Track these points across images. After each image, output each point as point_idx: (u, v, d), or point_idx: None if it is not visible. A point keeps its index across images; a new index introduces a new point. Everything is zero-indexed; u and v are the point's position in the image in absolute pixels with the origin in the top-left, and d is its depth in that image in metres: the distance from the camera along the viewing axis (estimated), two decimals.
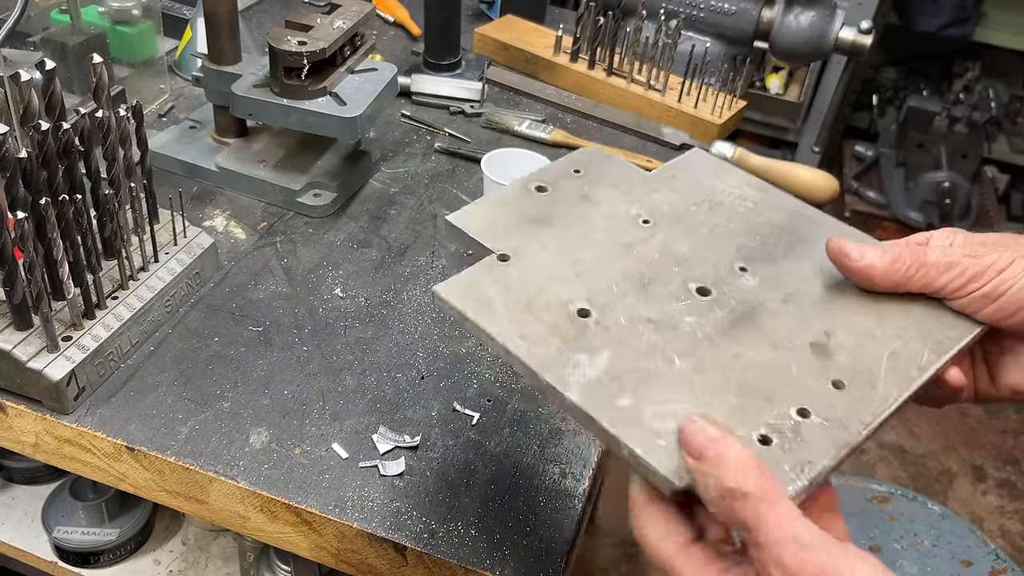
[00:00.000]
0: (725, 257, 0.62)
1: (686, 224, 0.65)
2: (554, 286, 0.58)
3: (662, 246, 0.62)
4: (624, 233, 0.63)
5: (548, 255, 0.61)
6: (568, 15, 1.64)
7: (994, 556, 1.37)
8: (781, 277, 0.61)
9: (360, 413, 0.80)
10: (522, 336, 0.55)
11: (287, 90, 0.98)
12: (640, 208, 0.65)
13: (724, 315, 0.58)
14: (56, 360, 0.75)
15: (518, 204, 0.65)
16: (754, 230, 0.65)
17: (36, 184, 0.71)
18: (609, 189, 0.67)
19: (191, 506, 0.77)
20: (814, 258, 0.62)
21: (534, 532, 0.72)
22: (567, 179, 0.68)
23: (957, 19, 2.64)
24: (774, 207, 0.67)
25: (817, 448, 0.50)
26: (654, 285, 0.59)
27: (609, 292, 0.58)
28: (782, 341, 0.56)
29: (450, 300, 0.57)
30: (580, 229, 0.63)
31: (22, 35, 1.10)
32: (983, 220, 2.46)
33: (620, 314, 0.57)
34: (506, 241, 0.62)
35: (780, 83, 2.57)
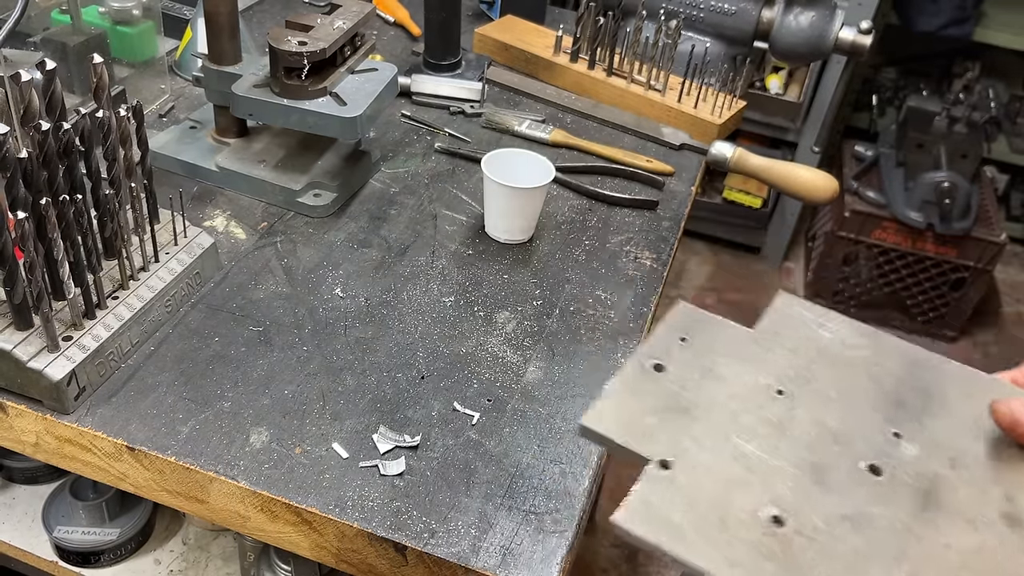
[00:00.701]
0: (872, 423, 0.62)
1: (816, 388, 0.64)
2: (733, 492, 0.56)
3: (810, 420, 0.62)
4: (765, 409, 0.62)
5: (706, 453, 0.59)
6: (568, 15, 1.65)
7: None
8: (936, 439, 0.61)
9: (360, 413, 0.80)
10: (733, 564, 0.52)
11: (287, 90, 0.98)
12: (766, 377, 0.65)
13: (907, 497, 0.57)
14: (56, 360, 0.75)
15: (644, 390, 0.63)
16: (882, 386, 0.65)
17: (37, 184, 0.71)
18: (726, 359, 0.66)
19: (191, 506, 0.77)
20: (953, 413, 0.63)
21: (534, 532, 0.72)
22: (678, 350, 0.66)
23: (957, 19, 2.64)
24: (887, 354, 0.67)
25: None
26: (827, 472, 0.58)
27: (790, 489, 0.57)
28: (975, 517, 0.56)
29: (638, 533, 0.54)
30: (721, 413, 0.62)
31: (23, 35, 1.10)
32: (983, 220, 2.46)
33: (813, 515, 0.55)
34: (656, 442, 0.59)
35: (780, 83, 2.57)
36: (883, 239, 2.48)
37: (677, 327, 0.68)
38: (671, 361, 0.65)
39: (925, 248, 2.46)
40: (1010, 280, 2.93)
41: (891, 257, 2.51)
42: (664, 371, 0.64)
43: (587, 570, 1.90)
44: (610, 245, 1.06)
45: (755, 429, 0.61)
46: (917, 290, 2.54)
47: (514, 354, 0.88)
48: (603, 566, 1.91)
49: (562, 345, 0.91)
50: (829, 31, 1.34)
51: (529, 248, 1.04)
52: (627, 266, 1.03)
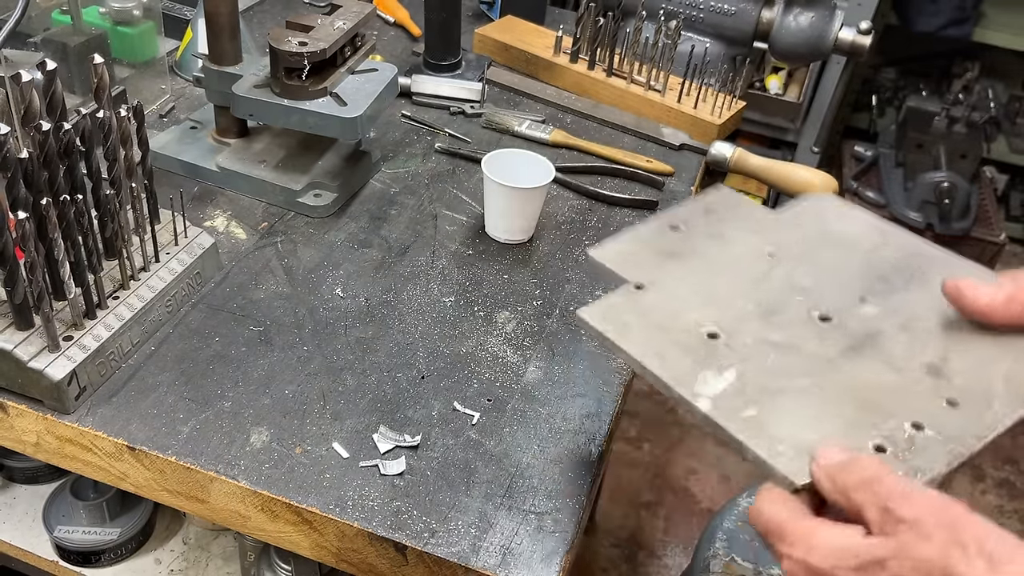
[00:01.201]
0: (846, 289, 0.65)
1: (808, 259, 0.68)
2: (686, 312, 0.63)
3: (786, 278, 0.66)
4: (751, 266, 0.68)
5: (681, 285, 0.65)
6: (568, 16, 1.65)
7: None
8: (899, 307, 0.64)
9: (361, 413, 0.80)
10: (658, 355, 0.60)
11: (288, 90, 0.99)
12: (766, 244, 0.69)
13: (844, 340, 0.61)
14: (57, 360, 0.75)
15: (653, 240, 0.70)
16: (874, 265, 0.68)
17: (37, 184, 0.71)
18: (737, 229, 0.71)
19: (192, 505, 0.77)
20: (932, 290, 0.64)
21: (534, 532, 0.72)
22: (699, 218, 0.72)
23: (956, 19, 2.64)
24: (895, 245, 0.70)
25: (930, 457, 0.53)
26: (779, 313, 0.63)
27: (737, 318, 0.63)
28: (899, 363, 0.60)
29: (591, 322, 0.62)
30: (711, 264, 0.68)
31: (23, 35, 1.11)
32: (982, 220, 2.46)
33: (747, 336, 0.61)
34: (642, 273, 0.67)
35: (780, 83, 2.57)
36: None
37: (708, 204, 0.75)
38: (688, 225, 0.72)
39: None
40: None
41: None
42: (678, 230, 0.71)
43: (587, 570, 1.90)
44: None
45: (731, 277, 0.67)
46: None
47: (514, 354, 0.89)
48: (603, 566, 1.91)
49: (562, 345, 0.91)
50: (829, 31, 1.34)
51: (529, 248, 1.04)
52: None
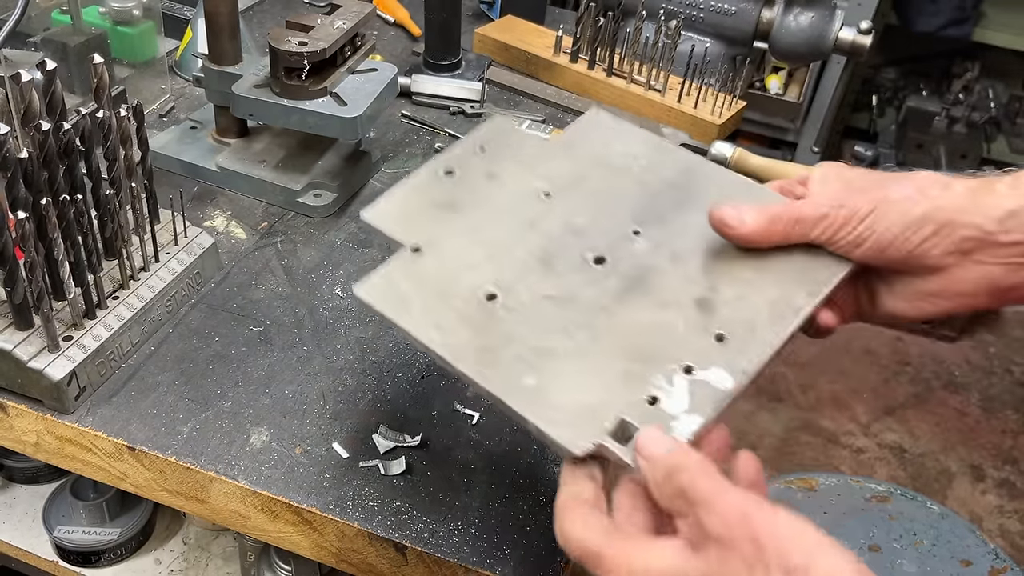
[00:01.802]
0: (619, 222, 0.65)
1: (583, 192, 0.67)
2: (464, 273, 0.61)
3: (562, 219, 0.65)
4: (527, 209, 0.66)
5: (458, 241, 0.63)
6: (568, 15, 1.65)
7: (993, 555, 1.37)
8: (671, 237, 0.64)
9: (360, 413, 0.80)
10: (437, 328, 0.58)
11: (287, 90, 0.98)
12: (541, 181, 0.68)
13: (618, 282, 0.61)
14: (57, 360, 0.75)
15: (427, 191, 0.67)
16: (646, 190, 0.67)
17: (37, 184, 0.71)
18: (512, 164, 0.69)
19: (192, 506, 0.77)
20: (702, 213, 0.64)
21: (534, 532, 0.72)
22: (474, 158, 0.70)
23: (956, 19, 2.64)
24: (666, 164, 0.69)
25: (699, 402, 0.54)
26: (555, 260, 0.62)
27: (515, 272, 0.61)
28: (670, 300, 0.60)
29: (368, 300, 0.60)
30: (487, 210, 0.66)
31: (23, 35, 1.10)
32: None
33: (523, 294, 0.60)
34: (418, 232, 0.64)
35: (780, 83, 2.57)
36: None
37: (480, 139, 0.72)
38: (462, 167, 0.69)
39: None
40: None
41: None
42: (452, 175, 0.68)
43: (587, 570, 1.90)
44: None
45: (508, 225, 0.65)
46: None
47: None
48: None
49: None
50: (829, 31, 1.34)
51: None
52: None
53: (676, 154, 0.70)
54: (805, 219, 0.61)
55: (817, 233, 0.61)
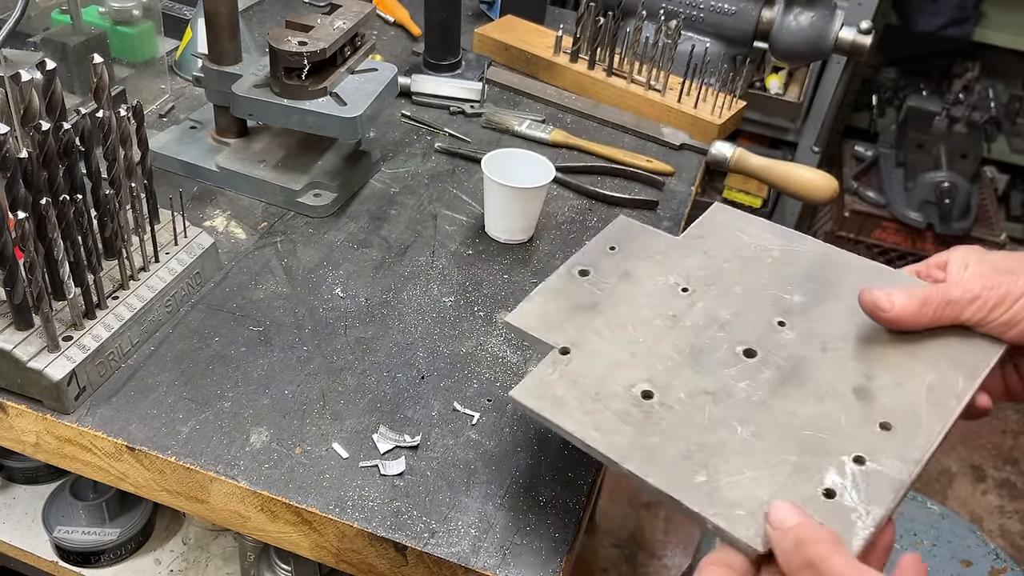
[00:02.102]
0: (763, 314, 0.65)
1: (721, 286, 0.68)
2: (615, 372, 0.62)
3: (704, 312, 0.66)
4: (667, 304, 0.67)
5: (604, 342, 0.64)
6: (568, 15, 1.65)
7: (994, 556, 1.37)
8: (816, 326, 0.64)
9: (360, 413, 0.80)
10: (597, 428, 0.58)
11: (287, 90, 0.98)
12: (677, 277, 0.69)
13: (772, 374, 0.61)
14: (57, 360, 0.75)
15: (566, 292, 0.69)
16: (784, 281, 0.68)
17: (37, 184, 0.71)
18: (646, 262, 0.70)
19: (192, 506, 0.77)
20: (843, 300, 0.65)
21: (534, 532, 0.72)
22: (605, 258, 0.71)
23: (957, 19, 2.64)
24: (799, 253, 0.70)
25: (877, 492, 0.54)
26: (704, 355, 0.63)
27: (666, 369, 0.62)
28: (827, 390, 0.60)
29: (525, 403, 0.60)
30: (627, 308, 0.67)
31: (23, 35, 1.10)
32: (982, 220, 2.46)
33: (679, 390, 0.60)
34: (563, 333, 0.65)
35: (780, 83, 2.57)
36: (883, 239, 2.49)
37: (610, 238, 0.73)
38: (596, 267, 0.71)
39: (925, 248, 2.46)
40: None
41: (891, 257, 2.51)
42: (587, 275, 0.70)
43: (587, 570, 1.90)
44: None
45: (651, 322, 0.66)
46: None
47: (514, 354, 0.88)
48: (603, 566, 1.91)
49: None
50: (829, 31, 1.34)
51: (529, 248, 1.04)
52: None
53: (806, 243, 0.71)
54: (956, 301, 0.61)
55: (969, 315, 0.61)
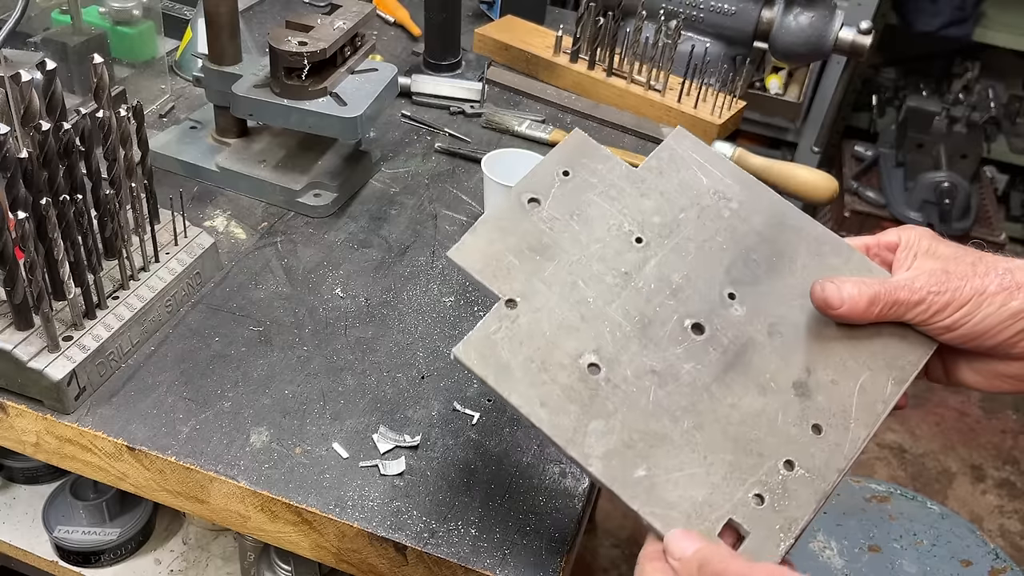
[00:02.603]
0: (715, 282, 0.64)
1: (676, 241, 0.66)
2: (564, 338, 0.60)
3: (657, 273, 0.64)
4: (620, 258, 0.64)
5: (552, 296, 0.62)
6: (568, 15, 1.65)
7: (994, 556, 1.37)
8: (766, 302, 0.64)
9: (360, 413, 0.80)
10: (543, 404, 0.57)
11: (287, 90, 0.98)
12: (631, 223, 0.66)
13: (718, 357, 0.61)
14: (57, 360, 0.75)
15: (514, 227, 0.64)
16: (739, 243, 0.66)
17: (37, 184, 0.71)
18: (600, 198, 0.67)
19: (192, 506, 0.77)
20: (795, 275, 0.65)
21: (534, 532, 0.72)
22: (558, 185, 0.67)
23: (957, 19, 2.64)
24: (757, 209, 0.68)
25: (801, 502, 0.56)
26: (653, 326, 0.62)
27: (614, 340, 0.60)
28: (769, 383, 0.61)
29: (470, 365, 0.58)
30: (578, 257, 0.64)
31: (23, 35, 1.10)
32: (982, 220, 2.46)
33: (627, 367, 0.60)
34: (510, 281, 0.62)
35: (780, 83, 2.57)
36: None
37: (563, 159, 0.68)
38: (547, 196, 0.66)
39: None
40: None
41: None
42: (538, 205, 0.65)
43: (587, 570, 1.90)
44: None
45: (603, 277, 0.63)
46: None
47: None
48: (603, 566, 1.91)
49: None
50: (829, 31, 1.34)
51: None
52: None
53: (764, 196, 0.69)
54: (903, 303, 0.62)
55: (912, 316, 0.62)
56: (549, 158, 0.68)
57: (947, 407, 2.43)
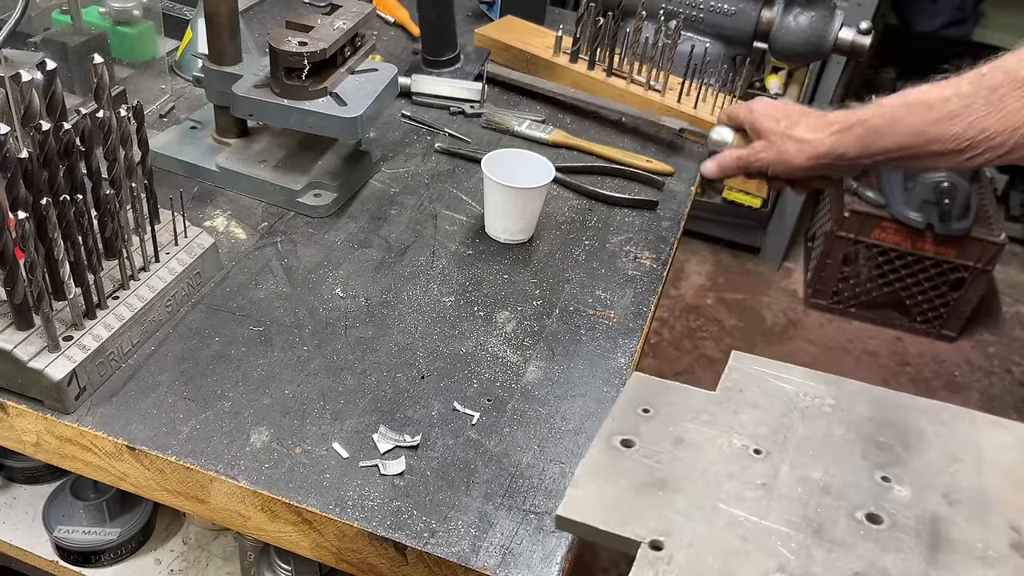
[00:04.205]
0: (860, 471, 0.61)
1: (796, 443, 0.63)
2: (737, 565, 0.54)
3: (796, 476, 0.60)
4: (748, 471, 0.60)
5: (699, 526, 0.56)
6: (568, 16, 1.65)
7: None
8: (924, 477, 0.61)
9: (360, 413, 0.80)
10: None
11: (288, 90, 0.99)
12: (740, 437, 0.63)
13: (914, 541, 0.56)
14: (57, 360, 0.75)
15: (618, 469, 0.60)
16: (857, 432, 0.64)
17: (37, 184, 0.71)
18: (694, 424, 0.64)
19: (192, 505, 0.77)
20: (932, 447, 0.62)
21: (534, 532, 0.72)
22: (644, 423, 0.64)
23: (956, 19, 2.64)
24: (855, 400, 0.67)
25: None
26: (826, 527, 0.57)
27: (793, 550, 0.55)
28: (986, 552, 0.56)
29: None
30: (703, 480, 0.59)
31: (23, 35, 1.11)
32: (982, 220, 2.46)
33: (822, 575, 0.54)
34: (642, 523, 0.56)
35: (779, 83, 2.57)
36: (883, 239, 2.48)
37: (637, 399, 0.66)
38: (638, 435, 0.63)
39: (924, 248, 2.46)
40: (1009, 280, 2.93)
41: (891, 257, 2.51)
42: (633, 446, 0.62)
43: (587, 570, 1.90)
44: (610, 245, 1.06)
45: (741, 493, 0.59)
46: (917, 290, 2.55)
47: (514, 354, 0.89)
48: (603, 566, 1.91)
49: (562, 345, 0.91)
50: (828, 31, 1.34)
51: (529, 248, 1.04)
52: (627, 266, 1.03)
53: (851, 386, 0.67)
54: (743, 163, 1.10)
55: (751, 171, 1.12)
56: (622, 402, 0.66)
57: None
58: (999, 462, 0.62)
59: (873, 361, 2.54)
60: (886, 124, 0.95)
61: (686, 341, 2.50)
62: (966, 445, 0.63)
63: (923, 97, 0.96)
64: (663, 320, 2.55)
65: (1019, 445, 0.63)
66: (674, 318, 2.57)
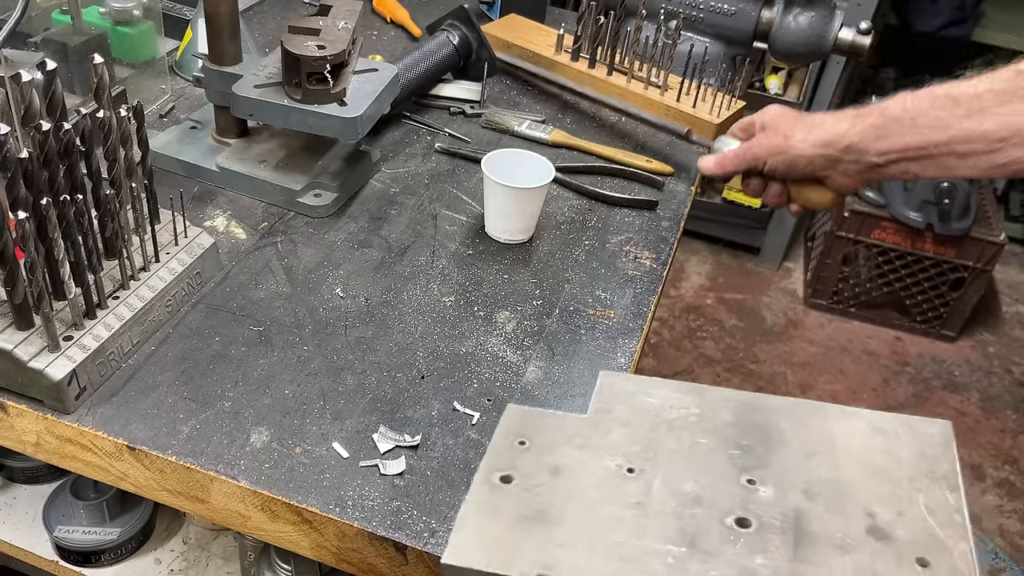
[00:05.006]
0: (727, 477, 0.62)
1: (665, 457, 0.64)
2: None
3: (668, 490, 0.61)
4: (623, 491, 0.61)
5: (579, 554, 0.57)
6: (567, 15, 1.65)
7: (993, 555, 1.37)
8: (785, 475, 0.62)
9: (360, 412, 0.80)
10: None
11: (311, 95, 0.98)
12: (612, 458, 0.64)
13: (780, 539, 0.58)
14: (57, 360, 0.75)
15: (498, 506, 0.61)
16: (724, 438, 0.65)
17: (37, 184, 0.71)
18: (567, 449, 0.65)
19: (192, 505, 0.77)
20: (791, 444, 0.64)
21: None
22: (520, 456, 0.65)
23: (956, 19, 2.64)
24: (718, 407, 0.68)
25: None
26: (699, 538, 0.58)
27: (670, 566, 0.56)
28: (845, 540, 0.57)
29: None
30: (581, 507, 0.60)
31: (23, 35, 1.11)
32: (982, 220, 2.46)
33: None
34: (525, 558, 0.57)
35: (779, 83, 2.57)
36: (882, 239, 2.49)
37: (514, 431, 0.67)
38: (515, 469, 0.63)
39: (924, 248, 2.46)
40: (1009, 280, 2.93)
41: (890, 257, 2.51)
42: (512, 481, 0.62)
43: None
44: (610, 245, 1.06)
45: (618, 515, 0.60)
46: (916, 290, 2.55)
47: (514, 354, 0.89)
48: None
49: (562, 345, 0.91)
50: (828, 31, 1.34)
51: (529, 248, 1.04)
52: (627, 266, 1.03)
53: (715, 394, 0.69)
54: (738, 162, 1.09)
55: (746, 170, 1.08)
56: (496, 436, 0.67)
57: (946, 407, 2.44)
58: (852, 450, 0.63)
59: (873, 361, 2.54)
60: (907, 115, 0.87)
61: (686, 341, 2.50)
62: (822, 438, 0.64)
63: (951, 91, 0.87)
64: (663, 320, 2.55)
65: (868, 431, 0.65)
66: (674, 318, 2.58)
